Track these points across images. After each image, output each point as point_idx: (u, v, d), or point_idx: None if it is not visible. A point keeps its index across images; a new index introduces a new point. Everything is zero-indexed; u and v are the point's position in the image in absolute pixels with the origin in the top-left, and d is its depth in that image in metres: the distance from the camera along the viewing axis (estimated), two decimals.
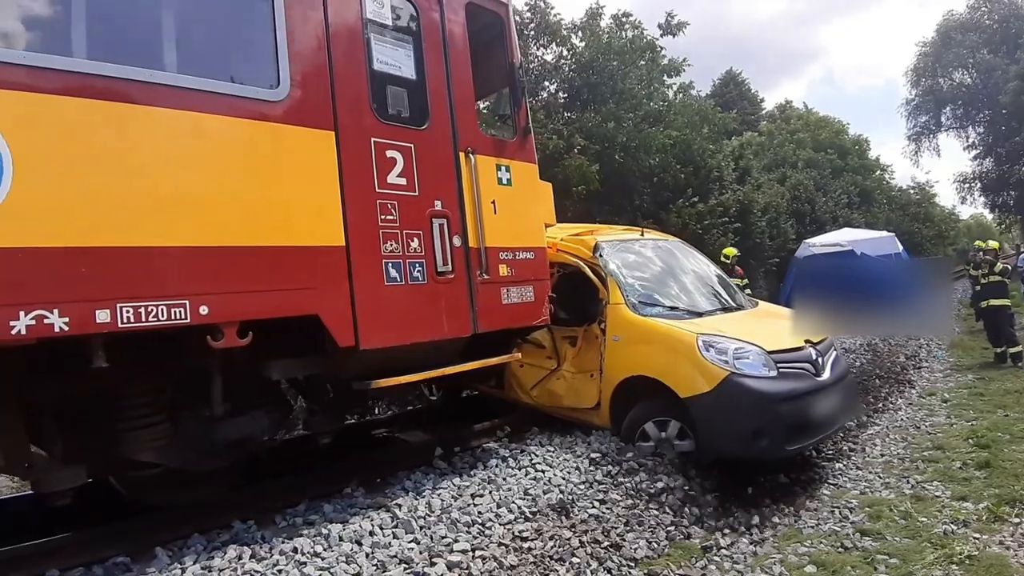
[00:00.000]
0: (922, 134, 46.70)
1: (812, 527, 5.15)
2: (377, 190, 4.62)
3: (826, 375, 5.81)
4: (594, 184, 18.11)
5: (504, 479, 5.05)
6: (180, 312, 3.68)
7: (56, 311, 3.30)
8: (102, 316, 3.43)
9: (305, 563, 3.71)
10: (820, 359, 5.82)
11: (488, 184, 5.37)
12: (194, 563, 3.69)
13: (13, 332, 3.17)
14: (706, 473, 5.51)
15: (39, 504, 4.31)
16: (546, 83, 20.15)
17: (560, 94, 20.33)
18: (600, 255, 6.26)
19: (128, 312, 3.51)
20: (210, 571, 3.61)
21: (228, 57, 4.20)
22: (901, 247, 18.69)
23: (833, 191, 28.56)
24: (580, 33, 19.92)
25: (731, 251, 16.10)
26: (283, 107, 4.22)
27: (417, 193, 4.86)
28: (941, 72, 43.97)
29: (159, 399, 4.28)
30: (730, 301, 6.76)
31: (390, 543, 3.98)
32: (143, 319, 3.55)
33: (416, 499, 4.62)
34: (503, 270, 5.39)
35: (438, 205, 4.99)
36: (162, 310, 3.62)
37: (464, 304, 5.08)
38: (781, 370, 5.48)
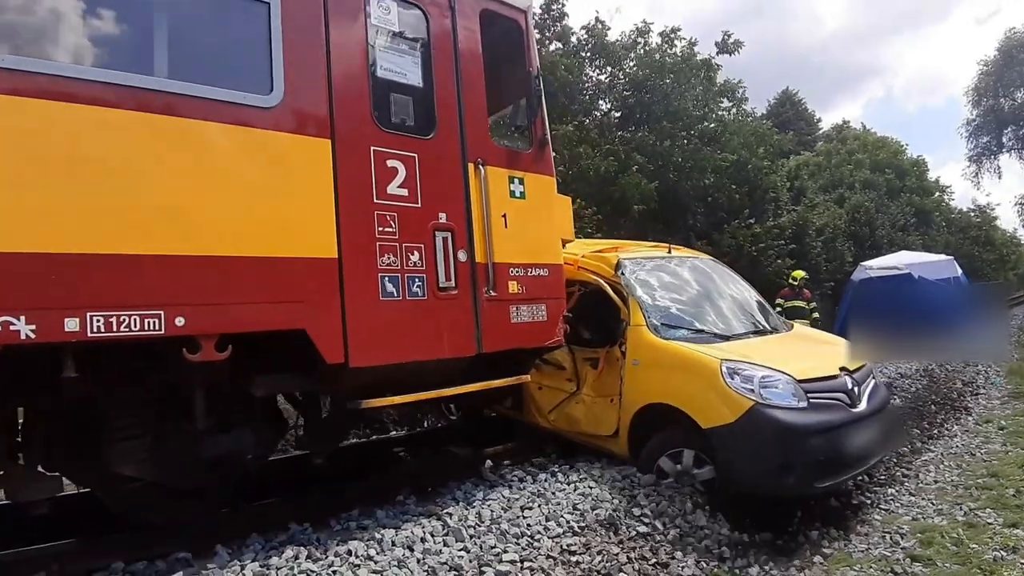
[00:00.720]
0: (983, 155, 43.86)
1: (862, 552, 4.96)
2: (375, 201, 4.34)
3: (862, 406, 5.23)
4: (652, 202, 17.67)
5: (553, 493, 4.96)
6: (154, 323, 3.46)
7: (23, 318, 3.11)
8: (71, 325, 3.23)
9: (359, 565, 3.73)
10: (856, 388, 5.25)
11: (499, 197, 5.03)
12: (253, 561, 3.76)
13: None
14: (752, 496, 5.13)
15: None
16: (600, 102, 19.92)
17: (614, 113, 20.06)
18: (622, 273, 5.82)
19: (98, 321, 3.31)
20: (268, 569, 3.65)
21: (218, 61, 3.97)
22: (960, 271, 17.66)
23: (891, 212, 27.29)
24: (631, 53, 19.66)
25: (799, 273, 15.43)
26: (275, 114, 3.98)
27: (419, 205, 4.56)
28: (1003, 92, 41.56)
29: (141, 412, 4.06)
30: (763, 324, 6.22)
31: (440, 550, 4.00)
32: (114, 329, 3.34)
33: (466, 509, 4.61)
34: (513, 287, 5.03)
35: (442, 218, 4.68)
36: (135, 320, 3.40)
37: (468, 322, 4.73)
38: (812, 400, 4.94)
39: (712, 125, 19.53)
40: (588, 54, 19.60)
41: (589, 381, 6.00)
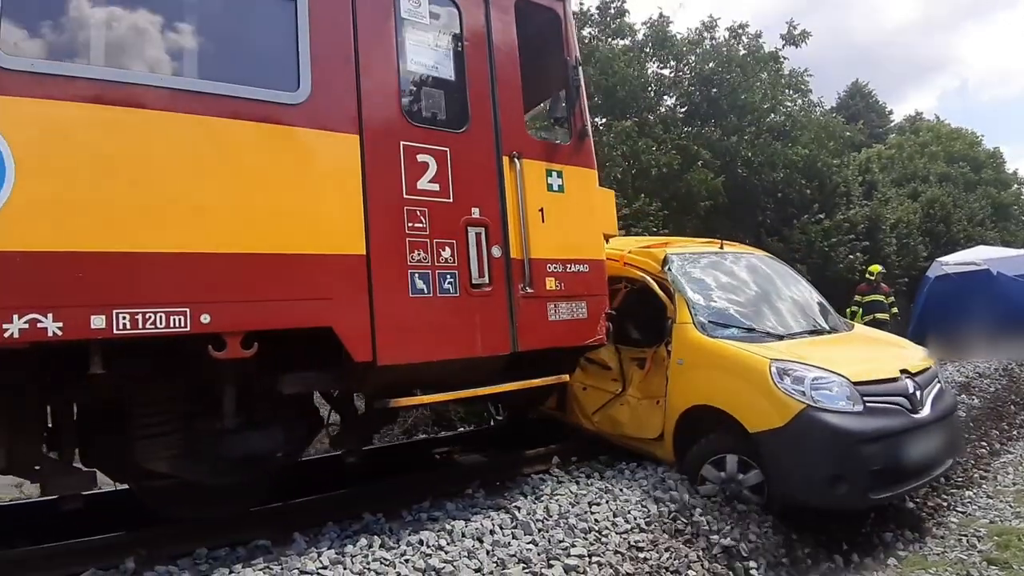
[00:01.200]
0: None
1: (937, 555, 4.81)
2: (405, 196, 4.21)
3: (925, 411, 4.80)
4: (720, 198, 17.14)
5: (621, 490, 4.88)
6: (180, 320, 3.42)
7: (50, 315, 3.12)
8: (97, 322, 3.23)
9: (430, 555, 3.80)
10: (918, 392, 4.82)
11: (536, 191, 4.83)
12: (329, 548, 3.83)
13: (6, 335, 3.02)
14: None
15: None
16: (665, 97, 19.50)
17: (679, 108, 19.59)
18: (669, 269, 5.52)
19: (124, 318, 3.29)
20: (343, 556, 3.72)
21: (244, 58, 3.92)
22: None
23: (968, 207, 25.68)
24: (696, 49, 19.16)
25: (876, 268, 15.06)
26: (302, 110, 3.90)
27: (451, 200, 4.41)
28: None
29: (172, 409, 4.05)
30: (821, 323, 5.80)
31: (509, 542, 4.01)
32: (140, 326, 3.32)
33: (535, 503, 4.63)
34: (550, 284, 4.82)
35: (475, 213, 4.51)
36: (160, 317, 3.37)
37: (502, 320, 4.55)
38: (868, 404, 4.55)
39: (780, 119, 18.85)
40: (651, 49, 19.18)
41: (635, 382, 5.74)
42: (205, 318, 3.48)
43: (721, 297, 5.47)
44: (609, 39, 18.09)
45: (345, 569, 3.58)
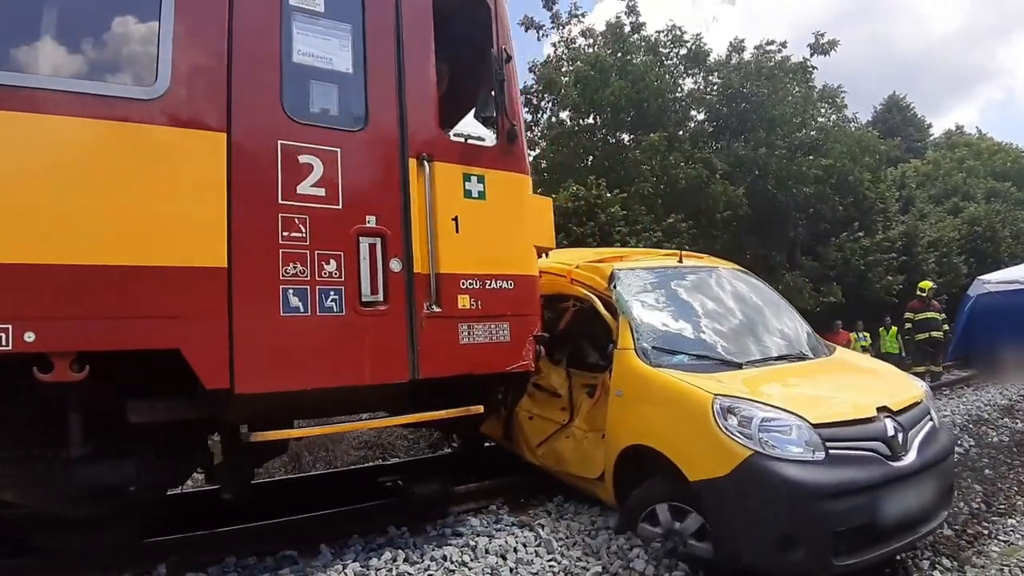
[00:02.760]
0: None
1: None
2: (281, 202, 3.55)
3: (910, 458, 3.83)
4: (741, 209, 16.22)
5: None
6: (1, 338, 2.87)
7: None
8: None
9: (453, 571, 3.72)
10: (901, 435, 3.85)
11: (450, 197, 4.11)
12: (354, 561, 3.76)
13: None
14: None
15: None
16: (693, 112, 18.76)
17: (707, 124, 18.78)
18: (614, 286, 4.71)
19: None
20: (368, 570, 3.66)
21: (93, 50, 3.33)
22: None
23: (1016, 224, 23.67)
24: (721, 70, 18.36)
25: (927, 284, 13.85)
26: (159, 106, 3.30)
27: (340, 206, 3.73)
28: None
29: (18, 436, 3.46)
30: (794, 348, 4.84)
31: (532, 560, 3.92)
32: None
33: (557, 521, 4.54)
34: (464, 302, 4.07)
35: (371, 221, 3.81)
36: None
37: (399, 343, 3.83)
38: (832, 452, 3.64)
39: (812, 133, 17.81)
40: (679, 62, 18.42)
41: (583, 412, 4.90)
42: (29, 336, 2.95)
43: (672, 318, 4.59)
44: (630, 55, 17.37)
45: None
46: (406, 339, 3.84)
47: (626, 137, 18.15)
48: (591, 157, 17.91)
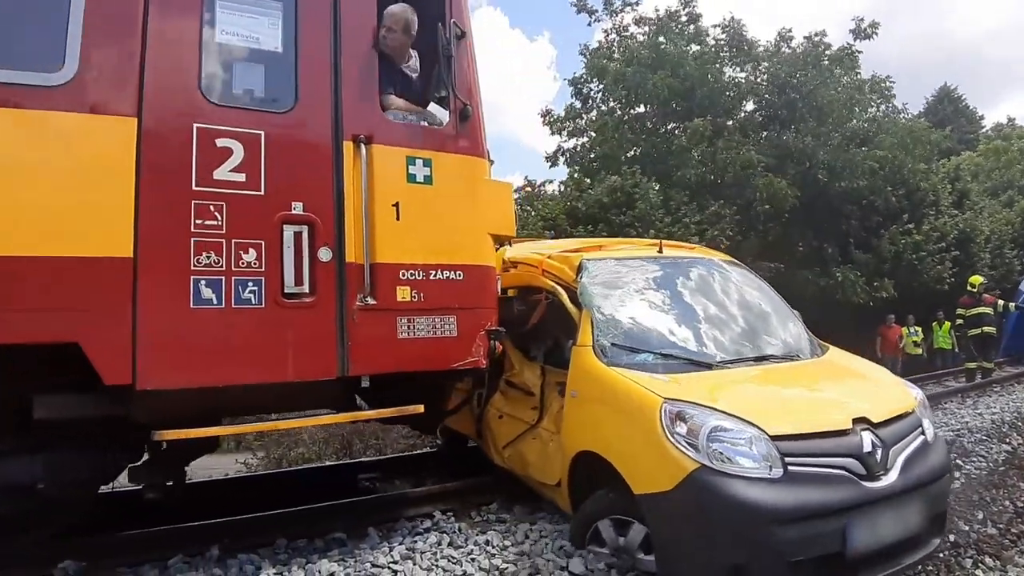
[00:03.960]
0: None
1: None
2: (195, 188, 3.29)
3: (891, 478, 3.22)
4: (787, 202, 15.31)
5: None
6: None
7: None
8: None
9: (495, 555, 3.74)
10: (879, 452, 3.24)
11: (390, 182, 3.75)
12: (400, 544, 3.83)
13: None
14: None
15: None
16: (743, 102, 17.86)
17: (757, 113, 17.82)
18: (581, 278, 4.25)
19: None
20: (414, 552, 3.71)
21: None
22: None
23: None
24: (770, 60, 17.40)
25: (977, 279, 13.08)
26: (66, 92, 3.07)
27: (262, 192, 3.44)
28: None
29: None
30: (782, 348, 4.24)
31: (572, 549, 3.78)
32: None
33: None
34: (403, 294, 3.73)
35: (297, 208, 3.51)
36: None
37: (328, 337, 3.52)
38: (792, 468, 3.09)
39: (864, 124, 16.72)
40: (727, 52, 17.53)
41: (552, 412, 4.45)
42: None
43: (640, 313, 4.07)
44: (683, 45, 16.61)
45: (415, 565, 3.55)
46: (335, 333, 3.53)
47: (675, 128, 17.34)
48: (637, 148, 17.18)
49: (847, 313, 16.36)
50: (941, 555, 3.92)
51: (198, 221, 3.29)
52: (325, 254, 3.55)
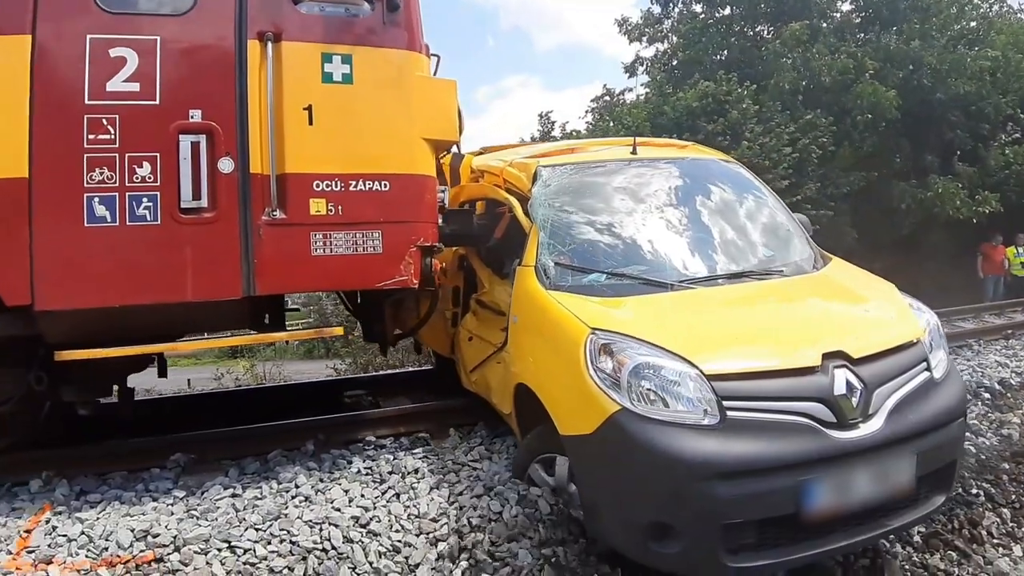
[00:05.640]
0: None
1: None
2: (87, 103, 2.99)
3: (872, 426, 2.45)
4: (891, 113, 13.33)
5: None
6: None
7: None
8: None
9: None
10: (858, 393, 2.47)
11: (302, 82, 3.24)
12: (480, 444, 3.85)
13: None
14: None
15: None
16: (838, 3, 15.58)
17: (854, 14, 15.46)
18: (534, 187, 3.58)
19: None
20: (491, 453, 3.72)
21: None
22: None
23: None
24: None
25: None
26: None
27: (158, 102, 3.07)
28: None
29: None
30: (766, 263, 3.37)
31: None
32: None
33: None
34: (317, 207, 3.26)
35: (194, 116, 3.11)
36: None
37: (231, 254, 3.15)
38: (732, 413, 2.41)
39: (973, 24, 14.08)
40: None
41: None
42: None
43: (593, 228, 3.34)
44: None
45: (491, 464, 3.52)
46: (238, 250, 3.16)
47: (764, 30, 15.29)
48: (724, 52, 15.37)
49: (947, 230, 14.34)
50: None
51: (91, 136, 3.00)
52: (226, 165, 3.15)
